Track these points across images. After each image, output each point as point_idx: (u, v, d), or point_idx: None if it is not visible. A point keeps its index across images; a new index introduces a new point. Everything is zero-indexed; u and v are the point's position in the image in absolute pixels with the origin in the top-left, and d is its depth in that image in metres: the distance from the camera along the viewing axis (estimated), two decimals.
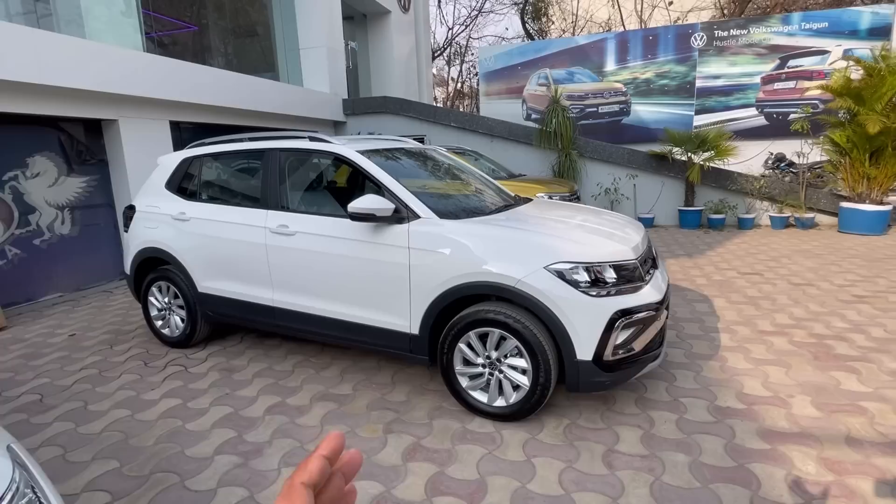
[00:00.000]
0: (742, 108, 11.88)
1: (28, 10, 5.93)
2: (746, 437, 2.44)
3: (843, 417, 2.57)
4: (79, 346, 4.01)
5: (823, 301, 4.35)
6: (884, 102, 6.79)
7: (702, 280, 5.19)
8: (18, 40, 4.53)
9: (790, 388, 2.88)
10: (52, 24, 5.90)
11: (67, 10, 5.90)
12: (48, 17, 5.98)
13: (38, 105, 5.02)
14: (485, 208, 3.18)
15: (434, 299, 2.68)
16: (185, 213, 3.58)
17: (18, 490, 0.99)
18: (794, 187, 8.03)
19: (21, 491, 0.99)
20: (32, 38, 4.67)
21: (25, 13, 5.99)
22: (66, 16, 5.90)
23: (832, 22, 11.09)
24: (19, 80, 4.56)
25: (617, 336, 2.41)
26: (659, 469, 2.22)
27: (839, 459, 2.24)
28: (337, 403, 2.93)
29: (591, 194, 9.12)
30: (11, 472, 1.02)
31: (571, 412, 2.73)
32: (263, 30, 10.29)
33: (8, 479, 0.99)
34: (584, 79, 12.99)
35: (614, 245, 2.65)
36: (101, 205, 6.04)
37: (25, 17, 6.00)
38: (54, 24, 5.90)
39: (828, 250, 6.28)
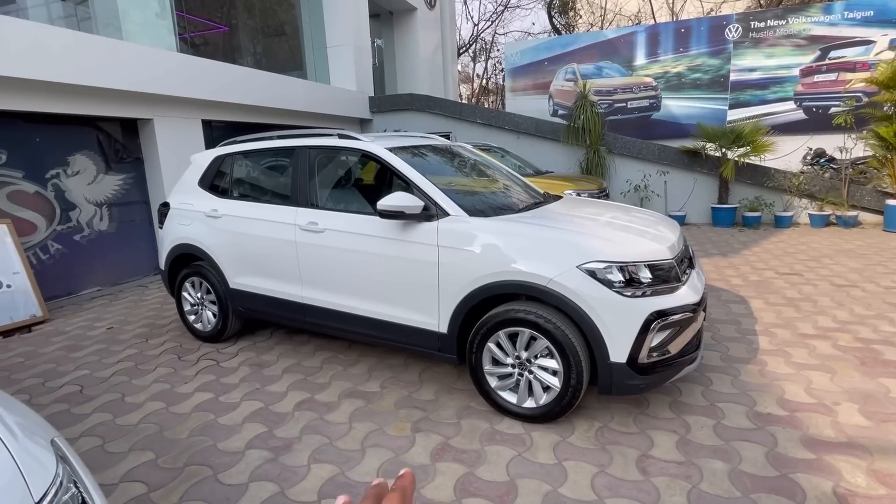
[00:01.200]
0: (779, 101, 11.45)
1: (69, 13, 6.14)
2: (789, 445, 2.33)
3: (894, 427, 2.43)
4: (116, 339, 4.14)
5: (869, 303, 4.14)
6: None
7: (737, 280, 5.02)
8: (60, 43, 4.68)
9: (835, 395, 2.75)
10: (91, 27, 6.09)
11: (105, 13, 6.08)
12: (87, 21, 6.18)
13: (78, 105, 5.18)
14: (514, 206, 3.13)
15: (463, 298, 2.65)
16: (217, 210, 3.64)
17: (62, 485, 1.01)
18: (835, 184, 7.69)
19: (64, 486, 1.01)
20: (73, 41, 4.82)
21: (66, 17, 6.20)
22: (104, 19, 6.08)
23: (878, 10, 10.57)
24: (60, 81, 4.72)
25: (653, 338, 2.34)
26: (696, 476, 2.15)
27: (892, 472, 2.12)
28: (365, 401, 2.93)
29: (621, 191, 8.93)
30: (55, 467, 1.04)
31: (603, 415, 2.66)
32: (291, 29, 10.42)
33: (52, 474, 1.01)
34: (613, 73, 12.73)
35: (649, 244, 2.57)
36: (136, 202, 6.22)
37: (66, 20, 6.21)
38: (93, 26, 6.09)
39: (873, 250, 5.99)
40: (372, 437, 2.55)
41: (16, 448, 1.02)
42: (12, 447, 1.02)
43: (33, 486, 0.95)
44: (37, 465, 1.02)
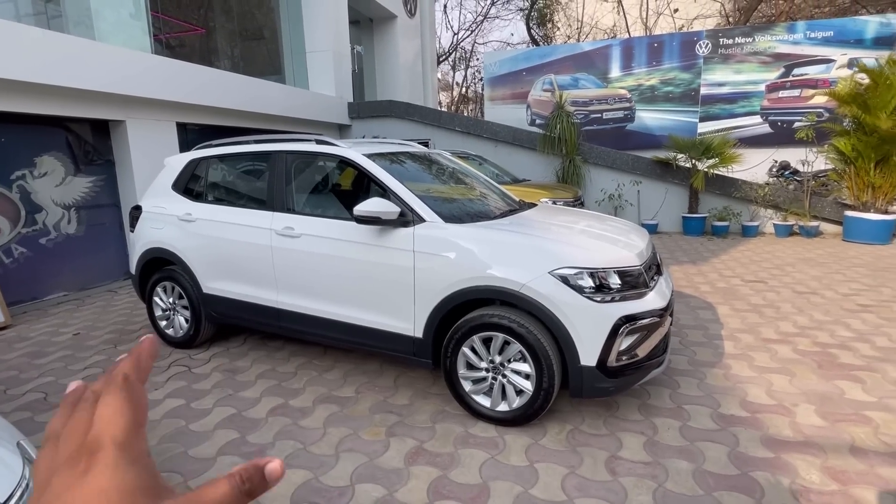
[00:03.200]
0: (747, 115, 11.90)
1: (38, 11, 5.99)
2: (750, 445, 2.43)
3: (847, 427, 2.56)
4: (83, 345, 4.03)
5: (828, 310, 4.33)
6: (889, 110, 6.78)
7: (706, 287, 5.18)
8: (27, 41, 4.57)
9: (794, 397, 2.87)
10: (62, 25, 5.96)
11: (77, 11, 5.96)
12: (58, 19, 6.04)
13: (47, 105, 5.06)
14: (489, 213, 3.18)
15: (438, 303, 2.69)
16: (191, 214, 3.60)
17: (28, 487, 1.00)
18: (798, 195, 8.01)
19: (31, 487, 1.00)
20: (41, 39, 4.71)
21: (36, 14, 6.05)
22: (76, 17, 5.96)
23: (837, 31, 11.11)
24: (28, 81, 4.59)
25: (621, 342, 2.41)
26: (662, 476, 2.22)
27: (843, 469, 2.23)
28: (339, 406, 2.93)
29: (595, 200, 9.11)
30: (22, 469, 1.03)
31: (574, 418, 2.72)
32: (270, 33, 10.36)
33: (18, 475, 1.00)
34: (589, 85, 13.03)
35: (619, 251, 2.65)
36: (106, 205, 6.07)
37: (36, 17, 6.06)
38: (64, 25, 5.95)
39: (832, 259, 6.26)
40: (346, 442, 2.55)
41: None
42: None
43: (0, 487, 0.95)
44: (2, 467, 1.01)
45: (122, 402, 0.32)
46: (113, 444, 0.30)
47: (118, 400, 0.32)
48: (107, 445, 0.29)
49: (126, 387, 0.33)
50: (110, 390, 0.33)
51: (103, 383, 0.34)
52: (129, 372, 0.34)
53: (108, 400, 0.32)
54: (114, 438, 0.30)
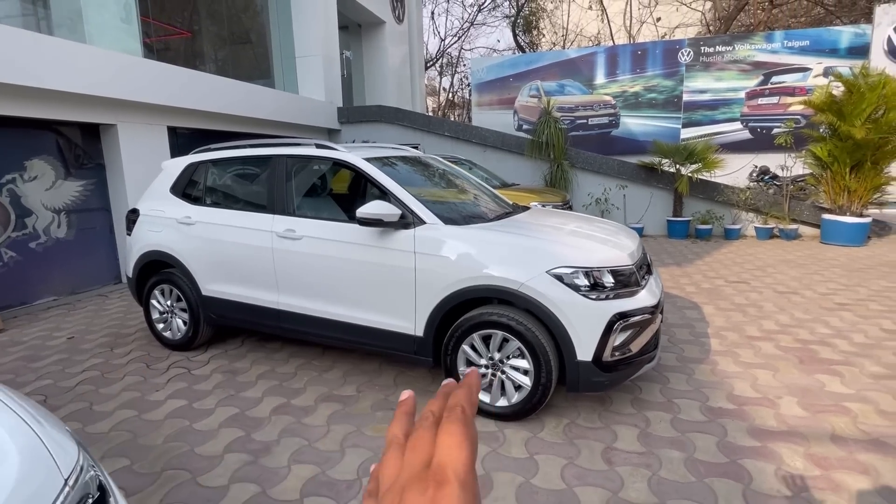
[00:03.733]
0: (727, 122, 12.25)
1: (27, 13, 5.96)
2: (738, 435, 2.55)
3: (828, 417, 2.70)
4: (78, 348, 4.02)
5: (807, 308, 4.52)
6: (863, 118, 7.07)
7: (691, 288, 5.34)
8: (17, 43, 4.56)
9: (778, 390, 3.01)
10: (52, 28, 5.93)
11: (68, 16, 5.94)
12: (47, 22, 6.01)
13: (37, 108, 5.04)
14: (486, 215, 3.28)
15: (439, 302, 2.77)
16: (190, 217, 3.63)
17: (84, 466, 1.05)
18: (777, 199, 8.28)
19: (86, 467, 1.06)
20: (31, 42, 4.70)
21: (24, 16, 6.02)
22: (67, 22, 5.94)
23: (813, 40, 11.51)
24: (18, 84, 4.58)
25: (615, 338, 2.52)
26: (656, 465, 2.33)
27: (825, 456, 2.36)
28: (342, 404, 2.99)
29: (582, 204, 9.29)
30: (77, 451, 1.08)
31: (570, 412, 2.82)
32: (257, 37, 10.38)
33: (75, 456, 1.06)
34: (575, 91, 13.28)
35: (612, 251, 2.77)
36: (97, 209, 6.04)
37: (24, 19, 6.02)
38: (55, 29, 5.93)
39: (811, 260, 6.49)
40: (350, 438, 2.62)
41: (43, 433, 1.07)
42: (40, 433, 1.07)
43: (62, 466, 1.00)
44: (62, 449, 1.07)
45: (463, 436, 0.33)
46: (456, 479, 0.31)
47: (460, 434, 0.33)
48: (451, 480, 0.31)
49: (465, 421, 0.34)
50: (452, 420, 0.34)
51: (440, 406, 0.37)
52: (466, 405, 0.35)
53: (452, 430, 0.33)
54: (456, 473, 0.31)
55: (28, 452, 0.99)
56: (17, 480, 0.91)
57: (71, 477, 0.99)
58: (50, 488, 0.93)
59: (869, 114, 7.10)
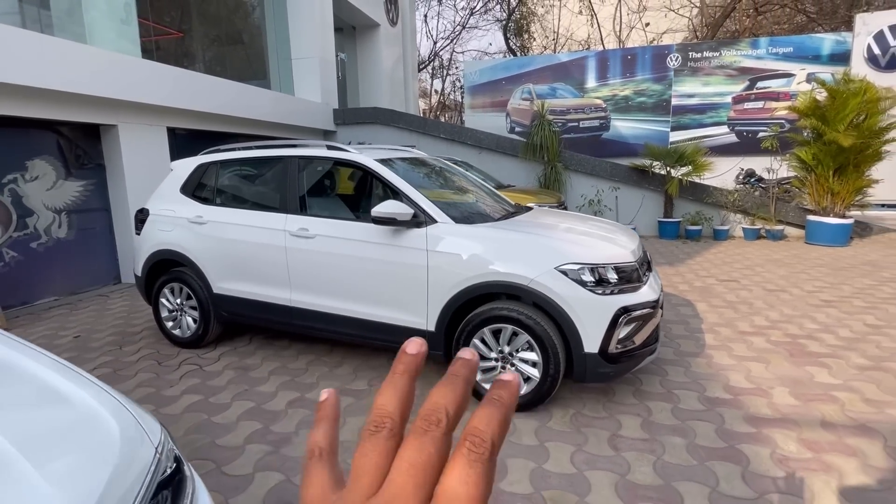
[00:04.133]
0: (715, 125, 12.56)
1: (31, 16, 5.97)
2: (735, 422, 2.70)
3: (817, 405, 2.86)
4: (86, 346, 4.06)
5: (795, 305, 4.71)
6: (846, 123, 7.34)
7: (684, 286, 5.52)
8: (20, 43, 4.59)
9: (770, 381, 3.17)
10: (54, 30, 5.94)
11: (67, 16, 5.96)
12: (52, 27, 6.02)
13: (39, 109, 5.06)
14: (493, 215, 3.40)
15: (450, 298, 2.88)
16: (201, 217, 3.70)
17: (166, 445, 1.15)
18: (764, 201, 8.53)
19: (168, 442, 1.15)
20: (35, 43, 4.73)
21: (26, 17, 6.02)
22: (69, 24, 5.96)
23: (797, 47, 11.85)
24: (21, 84, 4.61)
25: (620, 331, 2.66)
26: (660, 450, 2.46)
27: (816, 440, 2.51)
28: (354, 398, 3.09)
29: (576, 205, 9.46)
30: (159, 426, 1.18)
31: (576, 403, 2.95)
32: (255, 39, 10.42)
33: (158, 428, 1.15)
34: (566, 94, 13.49)
35: (615, 248, 2.91)
36: (97, 209, 6.05)
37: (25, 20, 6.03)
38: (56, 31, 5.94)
39: (797, 260, 6.72)
40: None
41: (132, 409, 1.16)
42: (126, 404, 1.16)
43: (150, 435, 1.10)
44: (147, 423, 1.16)
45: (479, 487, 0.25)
46: None
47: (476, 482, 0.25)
48: None
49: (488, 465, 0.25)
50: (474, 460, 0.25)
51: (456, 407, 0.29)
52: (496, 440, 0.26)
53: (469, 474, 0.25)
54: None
55: (122, 421, 1.09)
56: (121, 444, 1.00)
57: (160, 446, 1.09)
58: (145, 454, 1.03)
59: (851, 119, 7.37)
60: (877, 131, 7.38)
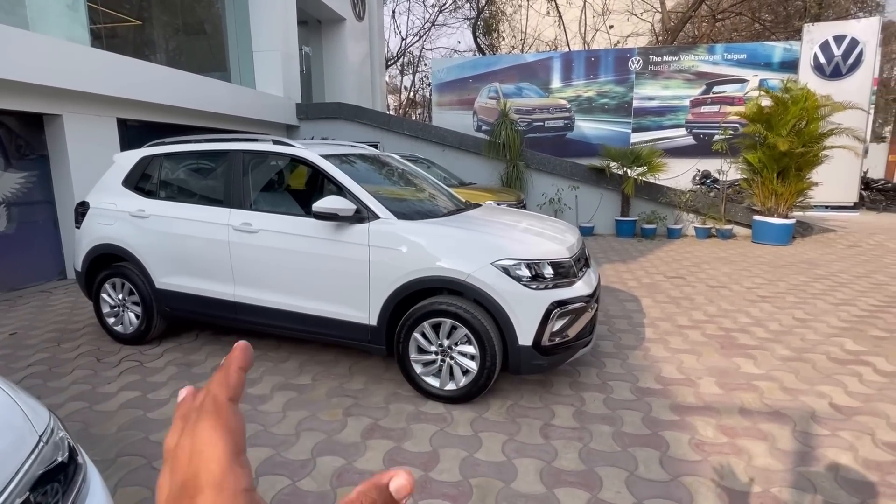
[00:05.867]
0: (673, 128, 12.98)
1: None
2: (661, 411, 2.84)
3: (739, 394, 3.03)
4: (22, 344, 3.92)
5: (733, 301, 4.95)
6: (788, 128, 7.71)
7: (633, 283, 5.72)
8: None
9: (699, 372, 3.34)
10: None
11: (11, 1, 5.70)
12: None
13: None
14: (438, 211, 3.46)
15: (392, 293, 2.93)
16: (144, 211, 3.63)
17: (54, 429, 1.15)
18: (716, 201, 8.89)
19: (56, 429, 1.15)
20: None
21: None
22: (7, 6, 5.70)
23: (750, 54, 12.36)
24: None
25: (553, 324, 2.75)
26: (587, 438, 2.57)
27: (732, 426, 2.67)
28: (297, 392, 3.10)
29: (537, 203, 9.63)
30: (48, 412, 1.17)
31: (514, 395, 3.04)
32: (212, 28, 10.18)
33: (46, 417, 1.15)
34: (532, 94, 13.70)
35: (551, 245, 3.00)
36: (40, 201, 5.83)
37: None
38: None
39: (741, 258, 7.04)
40: (305, 423, 2.73)
41: (15, 395, 1.15)
42: (12, 394, 1.15)
43: (35, 423, 1.10)
44: (33, 410, 1.16)
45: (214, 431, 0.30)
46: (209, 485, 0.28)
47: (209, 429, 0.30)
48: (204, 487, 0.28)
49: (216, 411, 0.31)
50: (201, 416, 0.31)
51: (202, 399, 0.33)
52: (219, 391, 0.32)
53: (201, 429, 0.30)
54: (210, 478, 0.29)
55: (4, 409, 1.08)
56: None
57: (45, 434, 1.09)
58: (26, 442, 1.03)
59: (793, 125, 7.75)
60: (817, 137, 7.78)
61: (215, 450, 0.29)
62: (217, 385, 0.32)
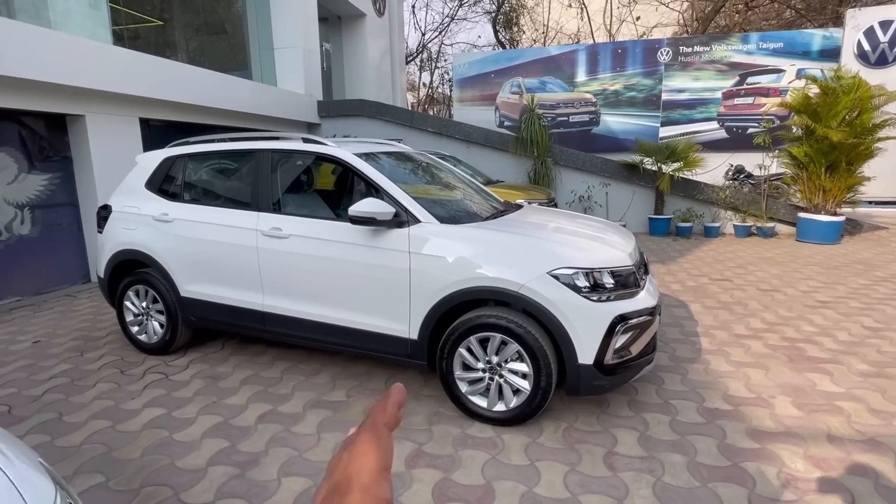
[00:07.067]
0: (705, 121, 12.47)
1: None
2: (737, 436, 2.53)
3: (822, 417, 2.71)
4: (45, 353, 3.78)
5: (791, 306, 4.58)
6: (838, 120, 7.24)
7: (677, 286, 5.37)
8: None
9: (771, 390, 3.02)
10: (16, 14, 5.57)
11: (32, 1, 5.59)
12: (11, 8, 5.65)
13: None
14: (481, 213, 3.19)
15: (434, 304, 2.67)
16: (167, 215, 3.44)
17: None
18: (755, 198, 8.43)
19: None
20: None
21: None
22: (31, 7, 5.59)
23: (787, 42, 11.78)
24: None
25: (617, 340, 2.47)
26: (659, 470, 2.28)
27: (823, 457, 2.36)
28: (332, 411, 2.87)
29: (566, 201, 9.29)
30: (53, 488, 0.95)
31: (568, 415, 2.77)
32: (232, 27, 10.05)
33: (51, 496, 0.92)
34: (556, 88, 13.30)
35: (611, 251, 2.71)
36: (64, 204, 5.72)
37: None
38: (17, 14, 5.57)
39: (789, 258, 6.62)
40: None
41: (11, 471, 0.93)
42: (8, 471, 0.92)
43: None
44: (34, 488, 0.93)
45: (369, 445, 0.36)
46: (358, 488, 0.33)
47: (365, 443, 0.36)
48: (353, 489, 0.33)
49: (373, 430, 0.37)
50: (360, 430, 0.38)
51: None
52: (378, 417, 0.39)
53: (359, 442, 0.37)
54: (359, 481, 0.33)
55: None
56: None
57: None
58: None
59: (844, 116, 7.28)
60: (869, 128, 7.29)
61: (367, 459, 0.35)
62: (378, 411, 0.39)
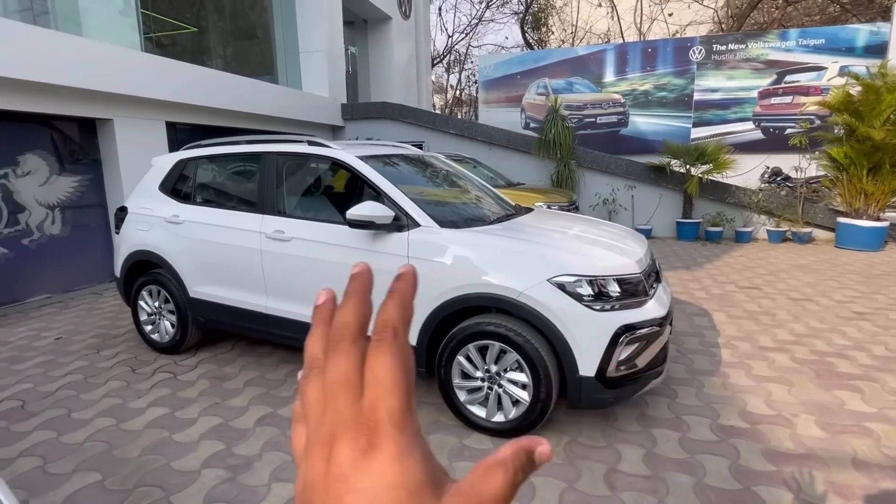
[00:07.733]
0: (739, 121, 11.97)
1: (24, 7, 5.85)
2: (752, 457, 2.37)
3: (848, 439, 2.51)
4: (65, 350, 3.90)
5: (823, 317, 4.31)
6: (882, 119, 6.82)
7: (701, 294, 5.14)
8: (12, 36, 4.44)
9: (794, 407, 2.83)
10: (49, 22, 5.82)
11: (64, 8, 5.83)
12: (44, 15, 5.90)
13: (32, 102, 4.92)
14: (486, 217, 3.11)
15: (433, 310, 2.61)
16: (178, 216, 3.49)
17: None
18: (791, 201, 8.03)
19: None
20: (26, 35, 4.58)
21: (21, 10, 5.91)
22: (63, 13, 5.83)
23: (829, 38, 11.20)
24: (12, 77, 4.47)
25: (620, 352, 2.35)
26: (662, 491, 2.15)
27: (847, 483, 2.17)
28: None
29: (590, 204, 9.09)
30: None
31: (571, 429, 2.65)
32: (263, 32, 10.26)
33: None
34: (583, 89, 13.04)
35: (618, 258, 2.59)
36: (92, 205, 5.93)
37: (21, 14, 5.92)
38: (51, 21, 5.82)
39: (825, 265, 6.26)
40: None
41: None
42: None
43: None
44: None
45: (397, 368, 0.27)
46: (391, 423, 0.26)
47: (392, 365, 0.27)
48: (385, 424, 0.26)
49: (400, 347, 0.28)
50: (382, 347, 0.27)
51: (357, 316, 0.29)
52: (399, 324, 0.28)
53: (382, 361, 0.27)
54: (391, 416, 0.26)
55: None
56: None
57: None
58: None
59: (888, 115, 6.85)
60: None
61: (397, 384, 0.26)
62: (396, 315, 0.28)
